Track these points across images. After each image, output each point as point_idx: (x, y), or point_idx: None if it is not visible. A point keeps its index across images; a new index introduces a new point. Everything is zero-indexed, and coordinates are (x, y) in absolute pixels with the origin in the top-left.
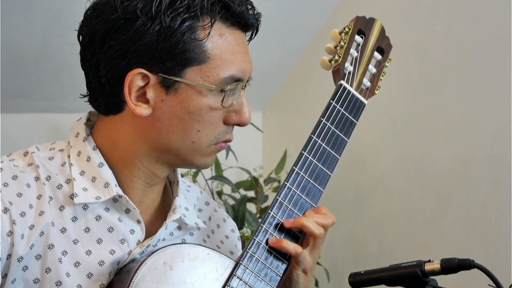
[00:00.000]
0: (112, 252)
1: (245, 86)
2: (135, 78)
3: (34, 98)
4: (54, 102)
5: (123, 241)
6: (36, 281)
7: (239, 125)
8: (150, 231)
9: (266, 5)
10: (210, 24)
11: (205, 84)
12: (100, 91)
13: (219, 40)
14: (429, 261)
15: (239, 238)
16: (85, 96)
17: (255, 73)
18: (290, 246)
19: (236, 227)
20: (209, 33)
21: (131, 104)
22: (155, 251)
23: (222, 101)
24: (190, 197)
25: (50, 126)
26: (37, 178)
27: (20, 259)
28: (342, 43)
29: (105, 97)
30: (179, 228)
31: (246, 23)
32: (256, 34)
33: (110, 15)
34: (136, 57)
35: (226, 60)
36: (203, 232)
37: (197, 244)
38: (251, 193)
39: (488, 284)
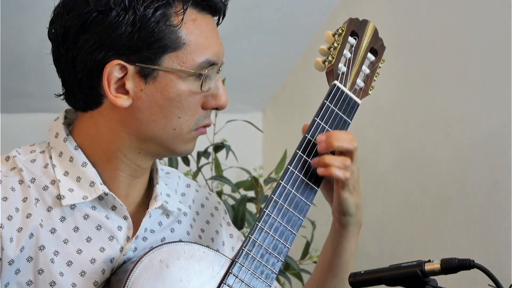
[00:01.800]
0: (102, 249)
1: (219, 70)
2: (113, 70)
3: (34, 98)
4: (54, 102)
5: (111, 238)
6: (29, 283)
7: (217, 108)
8: (139, 224)
9: (266, 5)
10: (182, 10)
11: (182, 69)
12: (77, 87)
13: (192, 26)
14: (429, 261)
15: (226, 212)
16: (60, 95)
17: (255, 73)
18: (339, 172)
19: (221, 203)
20: (182, 19)
21: (111, 96)
22: (151, 249)
23: (201, 86)
24: (170, 183)
25: None
26: (21, 181)
27: (11, 262)
28: (335, 45)
29: (83, 93)
30: (167, 216)
31: (216, 7)
32: (223, 18)
33: (82, 9)
34: (113, 48)
35: (201, 45)
36: (190, 217)
37: (193, 243)
38: (251, 193)
39: (488, 284)
